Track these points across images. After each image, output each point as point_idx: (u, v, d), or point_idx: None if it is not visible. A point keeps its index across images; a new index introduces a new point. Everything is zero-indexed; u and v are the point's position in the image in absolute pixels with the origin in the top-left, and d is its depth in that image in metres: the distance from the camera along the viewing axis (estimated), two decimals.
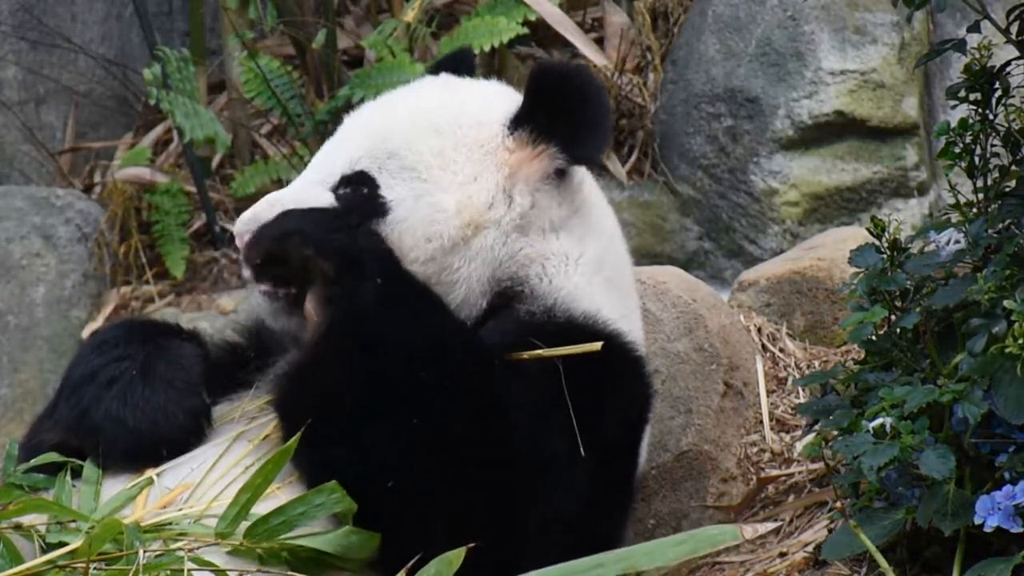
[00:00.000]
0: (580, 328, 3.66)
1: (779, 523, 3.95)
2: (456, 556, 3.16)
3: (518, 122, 3.67)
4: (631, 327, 3.80)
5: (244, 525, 3.30)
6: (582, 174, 3.81)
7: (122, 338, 3.65)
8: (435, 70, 3.96)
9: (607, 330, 3.69)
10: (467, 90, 3.84)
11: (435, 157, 3.65)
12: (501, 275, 3.66)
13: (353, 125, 3.77)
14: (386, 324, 3.45)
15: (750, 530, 3.79)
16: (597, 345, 3.55)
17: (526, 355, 3.54)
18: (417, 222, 3.61)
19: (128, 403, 3.55)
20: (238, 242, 3.63)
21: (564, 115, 3.63)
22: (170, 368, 3.61)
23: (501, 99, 3.76)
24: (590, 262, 3.74)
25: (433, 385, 3.42)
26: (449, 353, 3.47)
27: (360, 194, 3.63)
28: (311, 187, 3.69)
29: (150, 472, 3.49)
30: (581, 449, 3.51)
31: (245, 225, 3.60)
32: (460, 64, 3.96)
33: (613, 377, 3.65)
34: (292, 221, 3.53)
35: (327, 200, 3.65)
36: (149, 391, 3.57)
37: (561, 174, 3.71)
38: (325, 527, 3.34)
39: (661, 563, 3.13)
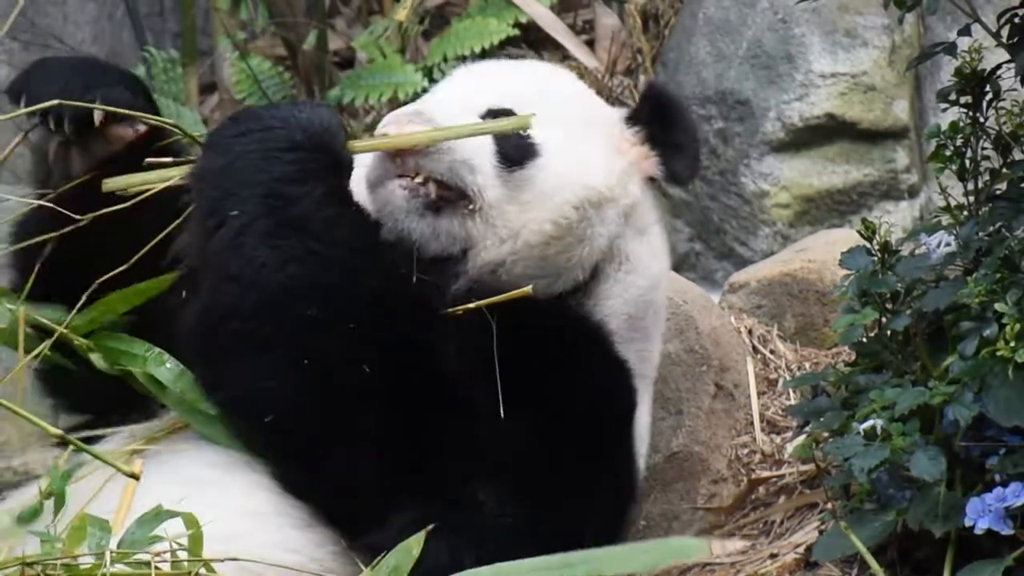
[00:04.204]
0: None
1: (752, 542, 3.96)
2: (416, 543, 3.16)
3: (633, 121, 3.81)
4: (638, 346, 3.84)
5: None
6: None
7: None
8: None
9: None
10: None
11: (579, 123, 3.75)
12: (600, 254, 3.73)
13: (484, 76, 3.87)
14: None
15: (719, 546, 3.80)
16: (528, 289, 3.56)
17: (460, 309, 3.55)
18: (567, 167, 3.67)
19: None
20: (391, 128, 3.60)
21: (672, 132, 3.78)
22: None
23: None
24: (655, 275, 3.84)
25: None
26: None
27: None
28: (459, 111, 3.70)
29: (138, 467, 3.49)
30: (501, 404, 3.49)
31: (405, 117, 3.62)
32: None
33: (578, 352, 3.68)
34: None
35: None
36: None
37: (651, 186, 3.83)
38: None
39: (625, 570, 3.04)
